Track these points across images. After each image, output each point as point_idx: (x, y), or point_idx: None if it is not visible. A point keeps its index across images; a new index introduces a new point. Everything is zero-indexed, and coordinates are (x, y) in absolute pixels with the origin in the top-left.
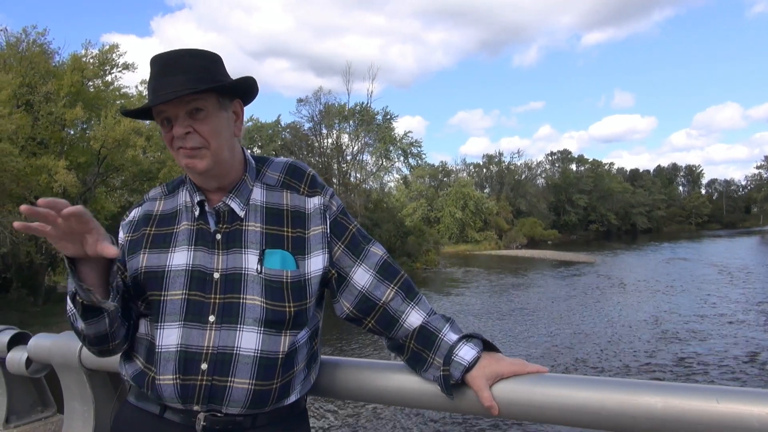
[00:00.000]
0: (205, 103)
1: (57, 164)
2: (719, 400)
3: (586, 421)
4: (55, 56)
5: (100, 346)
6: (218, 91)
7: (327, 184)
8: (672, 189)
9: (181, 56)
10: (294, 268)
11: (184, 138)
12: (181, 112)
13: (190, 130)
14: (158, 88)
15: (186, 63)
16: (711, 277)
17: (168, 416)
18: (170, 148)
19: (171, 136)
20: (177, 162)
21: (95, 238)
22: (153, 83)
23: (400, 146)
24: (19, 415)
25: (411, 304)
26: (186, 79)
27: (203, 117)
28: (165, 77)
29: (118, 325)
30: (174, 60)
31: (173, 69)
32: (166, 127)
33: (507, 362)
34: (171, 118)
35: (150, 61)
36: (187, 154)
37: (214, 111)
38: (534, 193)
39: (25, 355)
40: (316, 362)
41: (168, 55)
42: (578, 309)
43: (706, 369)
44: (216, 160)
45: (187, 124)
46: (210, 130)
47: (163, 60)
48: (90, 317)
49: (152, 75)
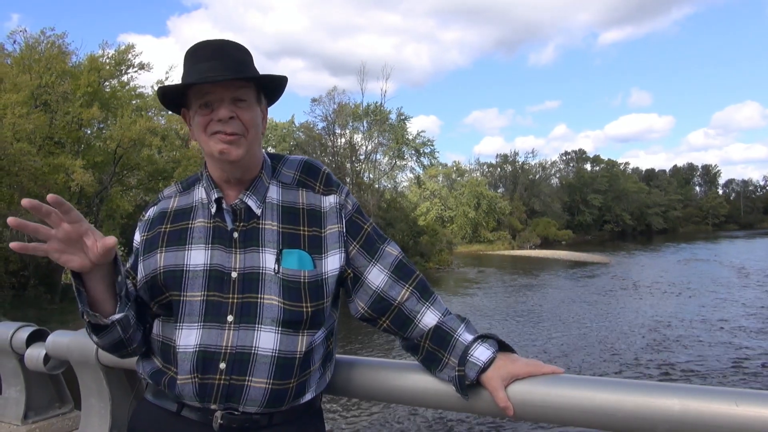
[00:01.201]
0: (247, 94)
1: (74, 163)
2: (738, 403)
3: (602, 422)
4: (72, 57)
5: (117, 352)
6: (260, 84)
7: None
8: (688, 189)
9: (229, 46)
10: (311, 268)
11: (227, 122)
12: (227, 96)
13: (234, 116)
14: (207, 70)
15: (233, 53)
16: (728, 279)
17: (185, 414)
18: (202, 133)
19: (208, 120)
20: (206, 149)
21: (92, 238)
22: (200, 65)
23: (413, 145)
24: (37, 411)
25: (426, 304)
26: (235, 67)
27: (245, 106)
28: (214, 60)
29: (133, 331)
30: (222, 47)
31: (222, 54)
32: (204, 110)
33: (522, 363)
34: (212, 101)
35: (191, 48)
36: (224, 139)
37: (253, 103)
38: (548, 193)
39: (43, 352)
40: (331, 361)
41: (215, 42)
42: (593, 310)
43: (724, 372)
44: (249, 151)
45: (232, 109)
46: (250, 119)
47: (212, 46)
48: (101, 331)
49: (198, 58)
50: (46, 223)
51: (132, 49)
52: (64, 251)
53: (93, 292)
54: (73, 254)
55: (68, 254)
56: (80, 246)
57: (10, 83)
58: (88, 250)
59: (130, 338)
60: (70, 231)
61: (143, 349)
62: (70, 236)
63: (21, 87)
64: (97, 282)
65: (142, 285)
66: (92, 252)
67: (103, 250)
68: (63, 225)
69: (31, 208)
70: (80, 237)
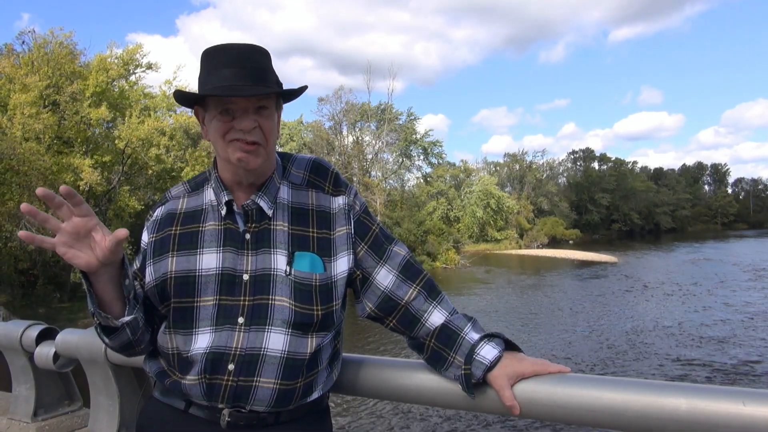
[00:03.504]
0: (269, 102)
1: (83, 163)
2: (746, 403)
3: (608, 421)
4: (81, 57)
5: (126, 352)
6: (282, 94)
7: (349, 182)
8: (697, 188)
9: (250, 51)
10: (322, 271)
11: (249, 132)
12: (251, 106)
13: (256, 126)
14: (230, 78)
15: (255, 59)
16: (737, 279)
17: (193, 411)
18: (220, 138)
19: (229, 127)
20: (222, 155)
21: (101, 233)
22: (222, 71)
23: (421, 144)
24: (46, 408)
25: (433, 304)
26: (258, 75)
27: (267, 114)
28: (237, 68)
29: (142, 332)
30: (244, 54)
31: (244, 62)
32: (224, 117)
33: (529, 362)
34: (235, 110)
35: (212, 50)
36: (244, 148)
37: (273, 111)
38: (556, 192)
39: (52, 350)
40: (338, 360)
41: (236, 47)
42: (601, 310)
43: (731, 372)
44: (266, 159)
45: (254, 119)
46: (270, 128)
47: (233, 51)
48: (111, 332)
49: (218, 63)
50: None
51: (140, 49)
52: (72, 246)
53: (101, 294)
54: (79, 250)
55: (75, 250)
56: (88, 243)
57: (20, 83)
58: (96, 245)
59: (138, 339)
60: (80, 224)
61: (151, 348)
62: (79, 230)
63: (30, 87)
64: (106, 283)
65: (151, 288)
66: (100, 247)
67: (113, 242)
68: (73, 218)
69: (43, 197)
70: (89, 232)
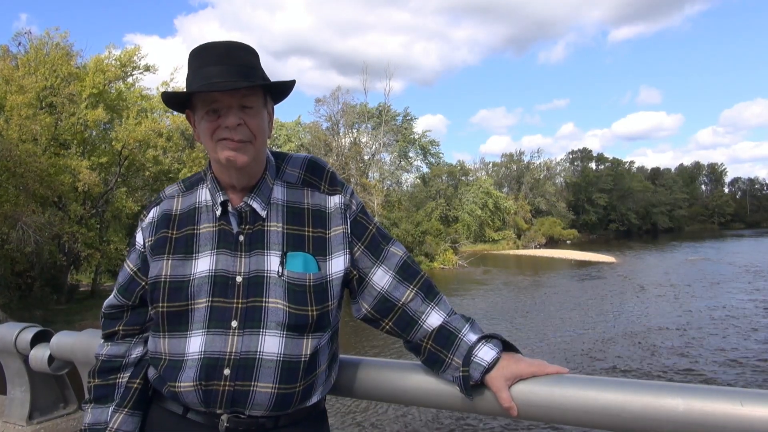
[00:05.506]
0: (254, 100)
1: (80, 164)
2: (743, 403)
3: (606, 422)
4: (78, 58)
5: None
6: (267, 87)
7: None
8: (694, 188)
9: (235, 49)
10: (316, 271)
11: (234, 129)
12: (235, 103)
13: (242, 122)
14: (214, 75)
15: (240, 56)
16: (734, 278)
17: (191, 416)
18: (208, 139)
19: (216, 126)
20: (212, 155)
21: None
22: (206, 69)
23: (419, 144)
24: (42, 411)
25: (431, 305)
26: (243, 72)
27: (253, 113)
28: (221, 65)
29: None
30: (228, 51)
31: (228, 60)
32: (211, 116)
33: (526, 363)
34: (220, 108)
35: (197, 49)
36: (231, 146)
37: (260, 108)
38: (553, 192)
39: (47, 353)
40: (336, 362)
41: (220, 45)
42: (598, 310)
43: (728, 372)
44: (256, 157)
45: (239, 116)
46: (257, 125)
47: (217, 49)
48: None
49: (203, 62)
50: (54, 220)
51: (138, 51)
52: None
53: None
54: None
55: None
56: None
57: (17, 85)
58: None
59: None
60: None
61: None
62: None
63: (27, 89)
64: None
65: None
66: None
67: None
68: None
69: None
70: None
